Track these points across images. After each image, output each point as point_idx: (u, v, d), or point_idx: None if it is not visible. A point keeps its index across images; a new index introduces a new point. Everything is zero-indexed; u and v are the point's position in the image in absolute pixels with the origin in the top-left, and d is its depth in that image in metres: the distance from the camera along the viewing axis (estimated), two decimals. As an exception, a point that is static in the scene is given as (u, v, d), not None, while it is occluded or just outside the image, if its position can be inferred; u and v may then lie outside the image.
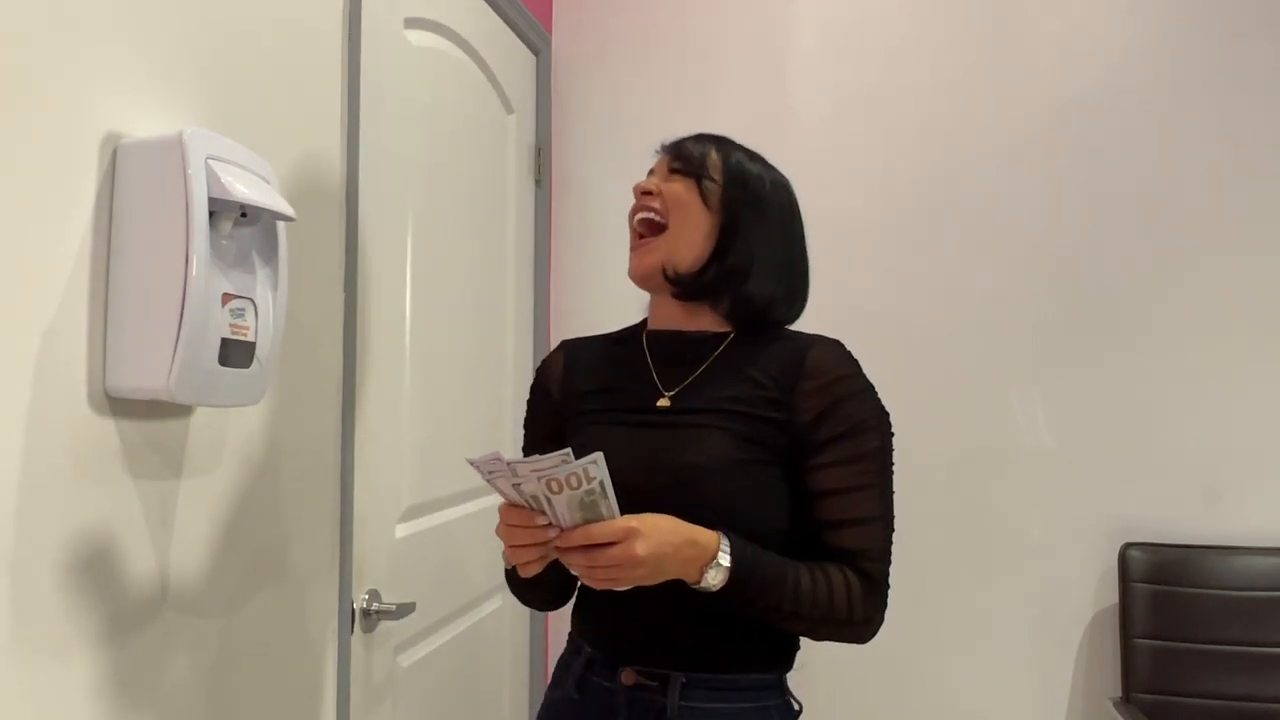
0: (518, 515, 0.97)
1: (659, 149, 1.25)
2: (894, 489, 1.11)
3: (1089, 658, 2.12)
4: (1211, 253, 2.09)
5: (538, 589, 1.18)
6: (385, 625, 1.53)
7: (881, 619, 1.10)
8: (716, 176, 1.17)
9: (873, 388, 1.13)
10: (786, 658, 1.14)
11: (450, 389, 1.81)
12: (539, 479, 0.91)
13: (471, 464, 0.92)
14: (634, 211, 1.19)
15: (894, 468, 1.12)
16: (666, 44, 2.38)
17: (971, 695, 2.17)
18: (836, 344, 1.16)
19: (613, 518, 0.95)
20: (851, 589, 1.06)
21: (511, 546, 0.99)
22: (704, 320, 1.19)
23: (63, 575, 0.92)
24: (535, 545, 0.97)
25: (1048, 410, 2.15)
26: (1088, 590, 2.12)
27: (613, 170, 2.37)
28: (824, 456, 1.08)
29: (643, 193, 1.18)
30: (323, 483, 1.38)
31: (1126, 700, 1.98)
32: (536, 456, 0.91)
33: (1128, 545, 2.04)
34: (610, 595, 1.07)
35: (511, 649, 2.13)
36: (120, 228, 0.97)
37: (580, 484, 0.91)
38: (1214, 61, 2.11)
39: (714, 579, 1.00)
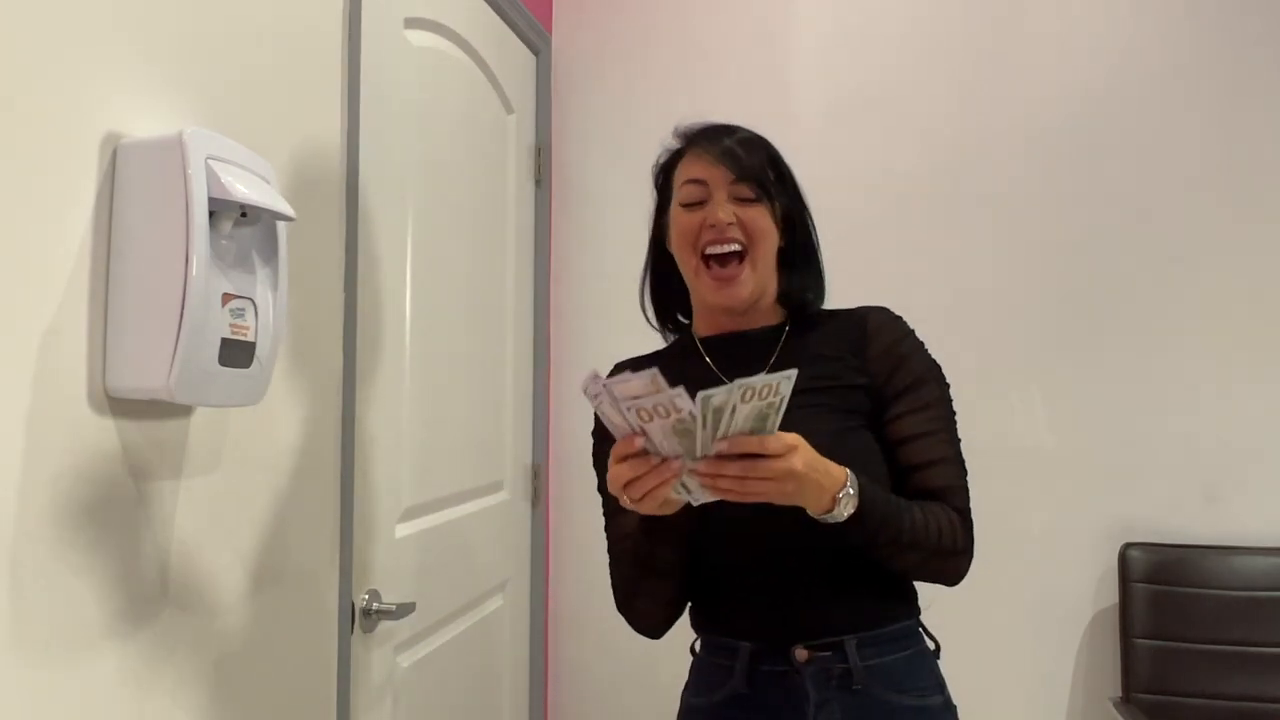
0: (632, 449, 0.94)
1: (683, 135, 1.24)
2: (959, 434, 1.20)
3: (1089, 658, 2.11)
4: (1212, 252, 2.09)
5: (664, 579, 1.14)
6: (385, 625, 1.53)
7: (972, 553, 1.17)
8: (777, 195, 1.21)
9: (924, 345, 1.23)
10: (918, 602, 1.23)
11: (450, 389, 1.81)
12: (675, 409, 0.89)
13: (587, 389, 0.90)
14: (707, 241, 1.17)
15: (955, 415, 1.21)
16: (667, 44, 2.38)
17: (971, 695, 2.17)
18: (886, 309, 1.25)
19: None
20: (953, 521, 1.14)
21: (639, 488, 0.95)
22: (755, 317, 1.23)
23: (63, 575, 0.92)
24: (663, 481, 0.94)
25: (1048, 410, 2.15)
26: (1088, 590, 2.12)
27: (613, 170, 2.37)
28: (898, 407, 1.17)
29: (727, 224, 1.16)
30: (323, 483, 1.38)
31: (1126, 700, 1.98)
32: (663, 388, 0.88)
33: (1128, 545, 2.04)
34: (755, 587, 1.13)
35: (511, 649, 2.13)
36: (120, 228, 0.97)
37: (670, 414, 0.89)
38: (1215, 61, 2.11)
39: (846, 507, 1.03)
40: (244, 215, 1.04)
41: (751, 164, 1.18)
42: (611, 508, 1.20)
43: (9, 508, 0.86)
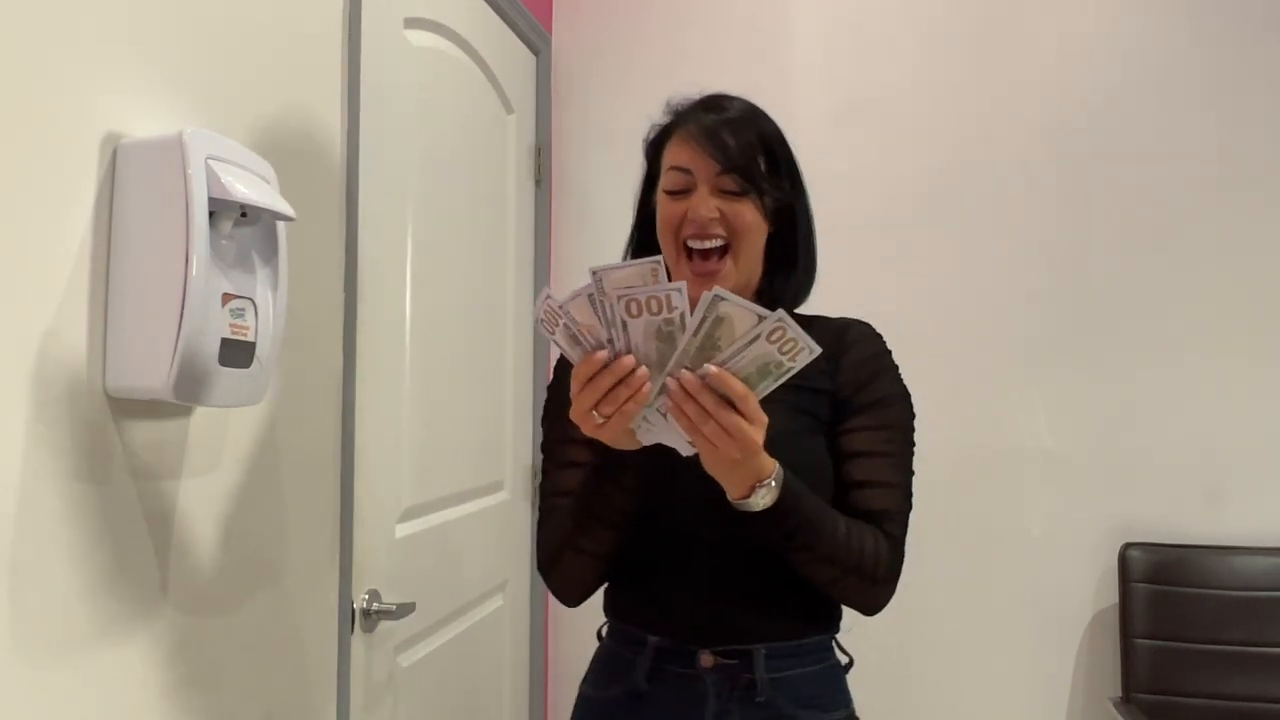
0: (595, 365, 0.90)
1: (674, 110, 1.21)
2: (913, 468, 1.17)
3: (1089, 658, 2.12)
4: (1212, 253, 2.09)
5: (608, 529, 1.08)
6: (385, 625, 1.53)
7: (895, 587, 1.12)
8: (768, 186, 1.15)
9: (899, 370, 1.19)
10: (837, 618, 1.18)
11: (450, 389, 1.81)
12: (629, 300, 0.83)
13: (538, 309, 0.88)
14: (689, 235, 1.12)
15: (914, 446, 1.17)
16: (667, 44, 2.38)
17: (972, 695, 2.17)
18: (869, 324, 1.23)
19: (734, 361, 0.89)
20: (879, 546, 1.08)
21: (610, 402, 0.90)
22: None
23: (63, 575, 0.92)
24: (635, 392, 0.89)
25: (1048, 411, 2.15)
26: (1088, 590, 2.12)
27: (613, 170, 2.37)
28: (856, 421, 1.14)
29: (709, 219, 1.10)
30: (323, 483, 1.38)
31: (1126, 700, 1.98)
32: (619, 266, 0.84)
33: (1128, 545, 2.04)
34: (676, 583, 1.09)
35: (511, 649, 2.13)
36: (120, 228, 0.97)
37: (661, 310, 0.84)
38: (1217, 62, 2.11)
39: (763, 498, 0.98)
40: (244, 215, 1.04)
41: (739, 153, 1.12)
42: (553, 462, 1.16)
43: (9, 508, 0.86)
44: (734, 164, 1.12)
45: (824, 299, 2.39)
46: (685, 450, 0.96)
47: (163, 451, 1.05)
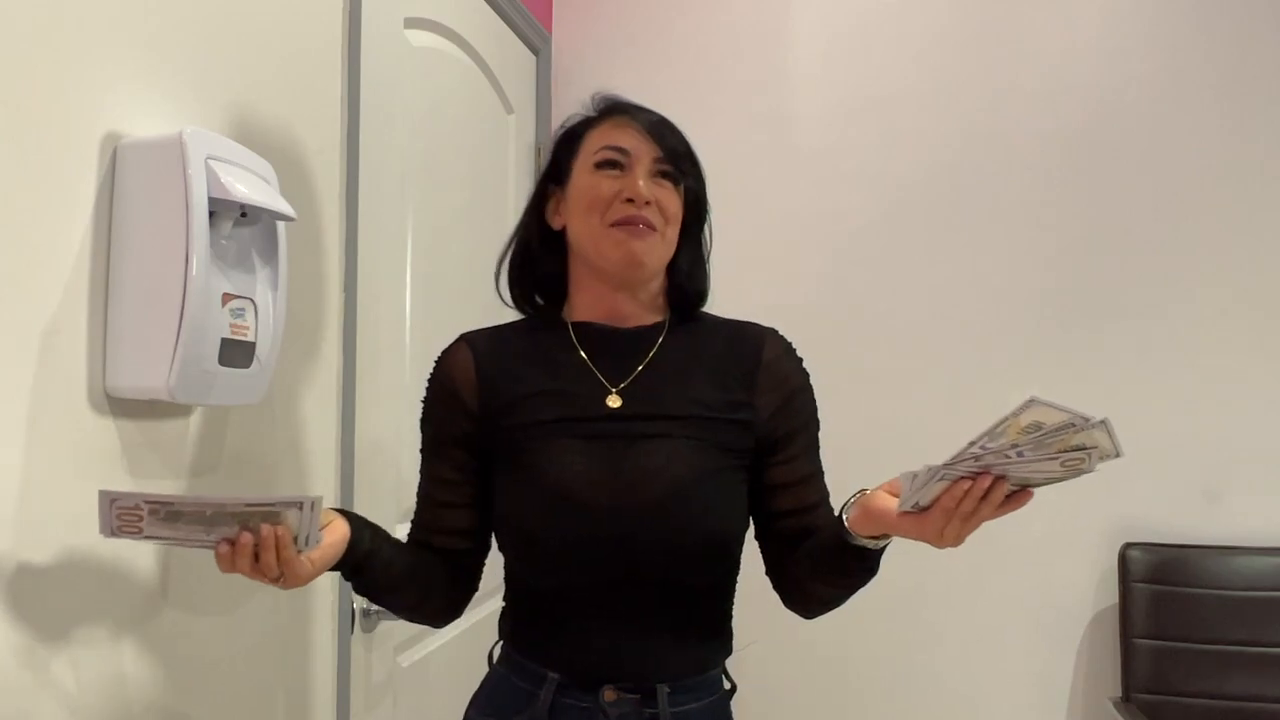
0: (227, 560, 0.90)
1: (602, 102, 1.18)
2: None
3: (1089, 658, 2.11)
4: (1212, 253, 2.09)
5: (394, 594, 1.10)
6: (385, 625, 1.53)
7: None
8: (691, 180, 1.14)
9: (808, 373, 1.16)
10: (730, 647, 1.16)
11: (450, 389, 1.81)
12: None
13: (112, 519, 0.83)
14: (621, 216, 1.07)
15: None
16: (666, 44, 2.38)
17: (972, 695, 2.17)
18: (779, 334, 1.16)
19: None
20: None
21: (268, 579, 0.91)
22: (632, 308, 1.13)
23: (63, 575, 0.92)
24: (279, 555, 0.89)
25: (1048, 410, 2.15)
26: (1088, 590, 2.12)
27: (613, 170, 2.37)
28: (792, 449, 1.11)
29: (645, 201, 1.07)
30: (323, 483, 1.37)
31: (1126, 700, 1.97)
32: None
33: (1128, 545, 2.04)
34: (580, 618, 1.06)
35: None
36: (120, 228, 0.97)
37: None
38: (1216, 62, 2.11)
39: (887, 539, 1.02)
40: (244, 215, 1.04)
41: (676, 145, 1.11)
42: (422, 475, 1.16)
43: (9, 507, 0.86)
44: (673, 155, 1.11)
45: (823, 298, 2.40)
46: None
47: (163, 451, 1.05)
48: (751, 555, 1.18)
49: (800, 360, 1.15)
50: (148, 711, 1.03)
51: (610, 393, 1.08)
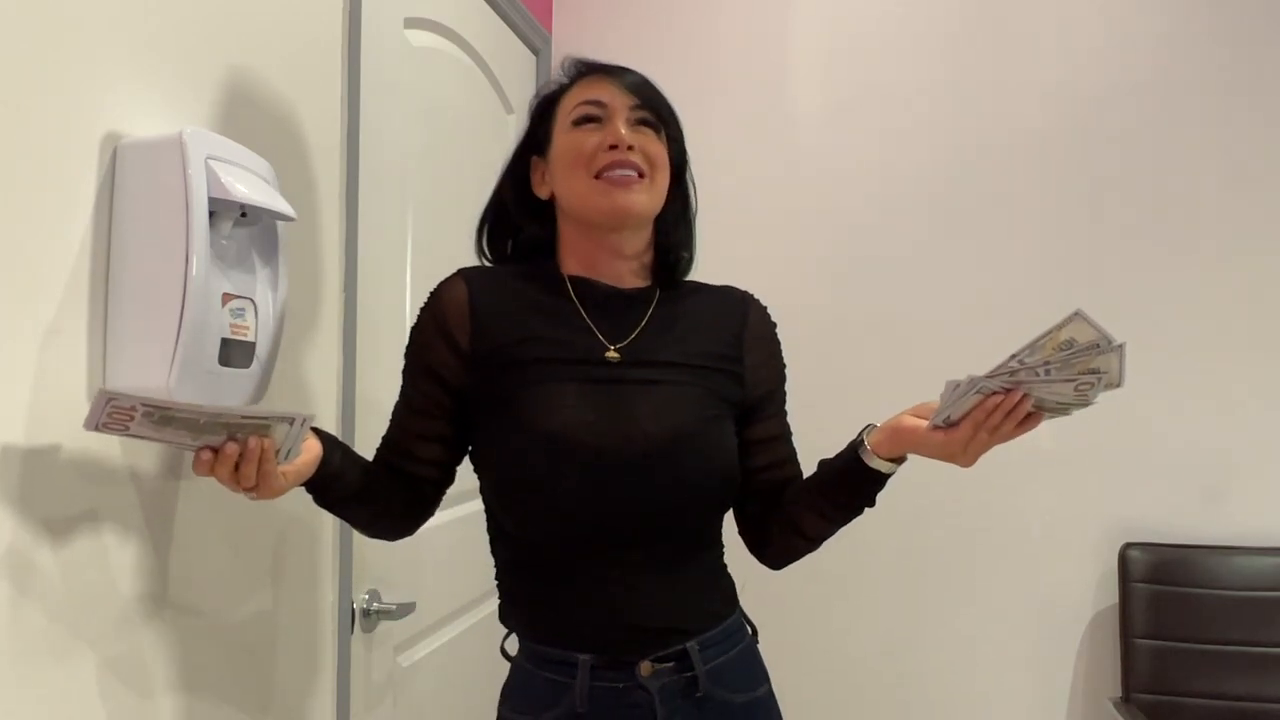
0: (206, 466, 0.89)
1: (576, 64, 1.15)
2: None
3: (1089, 658, 2.12)
4: (1211, 253, 2.09)
5: (350, 510, 1.11)
6: (385, 625, 1.53)
7: None
8: (674, 131, 1.14)
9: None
10: (735, 590, 1.18)
11: (450, 389, 1.81)
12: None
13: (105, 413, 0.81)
14: (607, 163, 1.06)
15: None
16: (666, 44, 2.38)
17: (972, 695, 2.17)
18: (757, 299, 1.21)
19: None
20: None
21: (244, 488, 0.92)
22: (624, 270, 1.14)
23: (63, 575, 0.92)
24: (260, 467, 0.90)
25: (1048, 410, 2.15)
26: (1088, 590, 2.12)
27: (613, 170, 2.37)
28: (771, 406, 1.16)
29: (628, 145, 1.06)
30: (323, 483, 1.37)
31: (1126, 700, 1.97)
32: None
33: (1128, 545, 2.04)
34: (596, 596, 1.05)
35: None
36: (120, 228, 0.97)
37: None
38: (1216, 62, 2.11)
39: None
40: (244, 215, 1.04)
41: (653, 95, 1.11)
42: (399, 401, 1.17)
43: (9, 507, 0.86)
44: (650, 102, 1.11)
45: (823, 296, 2.39)
46: None
47: (163, 452, 1.05)
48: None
49: (774, 328, 1.20)
50: (148, 711, 1.03)
51: (608, 349, 1.09)
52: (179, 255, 0.94)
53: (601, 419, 1.03)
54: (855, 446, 1.05)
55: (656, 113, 1.11)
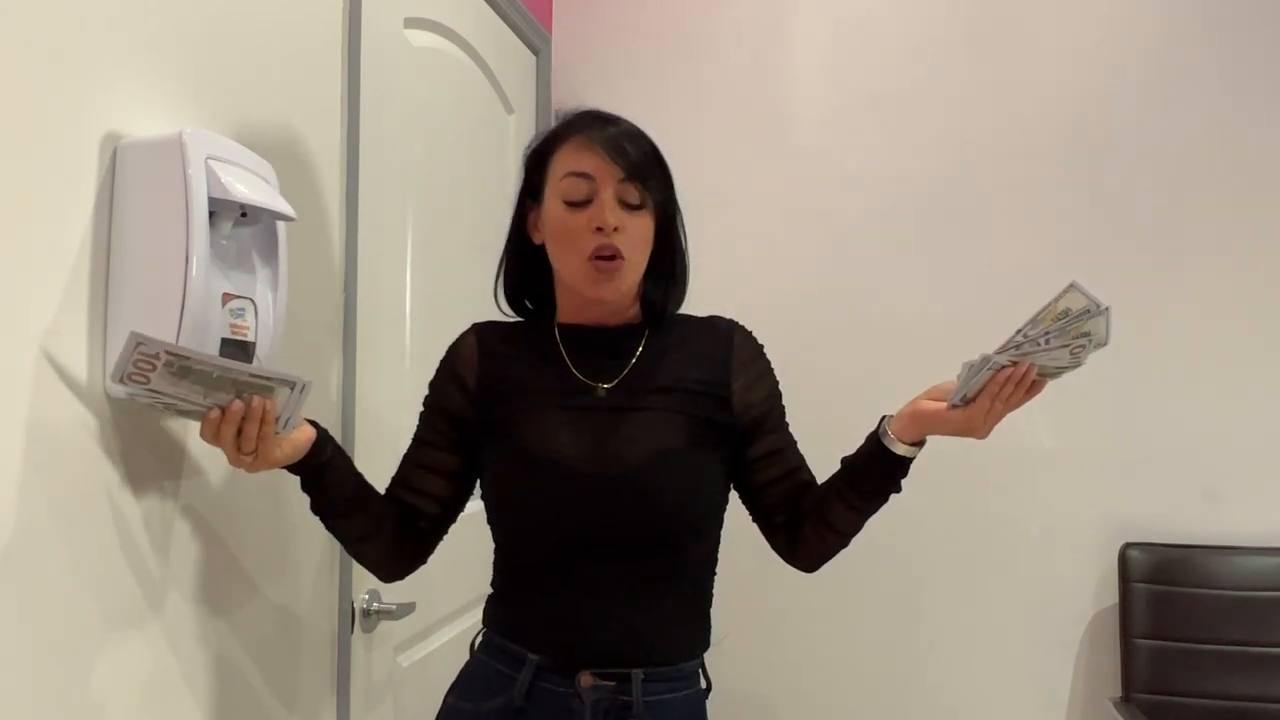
0: (214, 424, 0.94)
1: (565, 120, 1.19)
2: None
3: (1089, 658, 2.11)
4: (1211, 253, 2.09)
5: (346, 519, 1.14)
6: (385, 625, 1.53)
7: None
8: (659, 195, 1.16)
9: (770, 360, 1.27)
10: (708, 641, 1.20)
11: (450, 389, 1.81)
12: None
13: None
14: (597, 247, 1.11)
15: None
16: (666, 44, 2.38)
17: (972, 695, 2.17)
18: (742, 325, 1.25)
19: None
20: None
21: (243, 450, 0.97)
22: (617, 312, 1.19)
23: (63, 575, 0.92)
24: (259, 430, 0.95)
25: (1048, 410, 2.15)
26: (1088, 590, 2.12)
27: (613, 170, 2.37)
28: (771, 421, 1.20)
29: (614, 229, 1.10)
30: (323, 483, 1.37)
31: (1126, 700, 1.98)
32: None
33: (1128, 545, 2.04)
34: (561, 602, 1.11)
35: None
36: (120, 228, 0.97)
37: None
38: (1217, 62, 2.11)
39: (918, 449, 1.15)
40: (244, 215, 1.04)
41: (639, 161, 1.13)
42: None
43: (9, 508, 0.86)
44: (635, 170, 1.12)
45: (823, 297, 2.40)
46: None
47: (163, 451, 1.05)
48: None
49: (762, 349, 1.24)
50: (148, 711, 1.03)
51: (597, 387, 1.15)
52: (179, 255, 0.94)
53: (583, 440, 1.11)
54: (878, 435, 1.12)
55: (643, 181, 1.13)
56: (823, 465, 1.19)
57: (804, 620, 2.22)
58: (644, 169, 1.13)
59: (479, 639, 1.20)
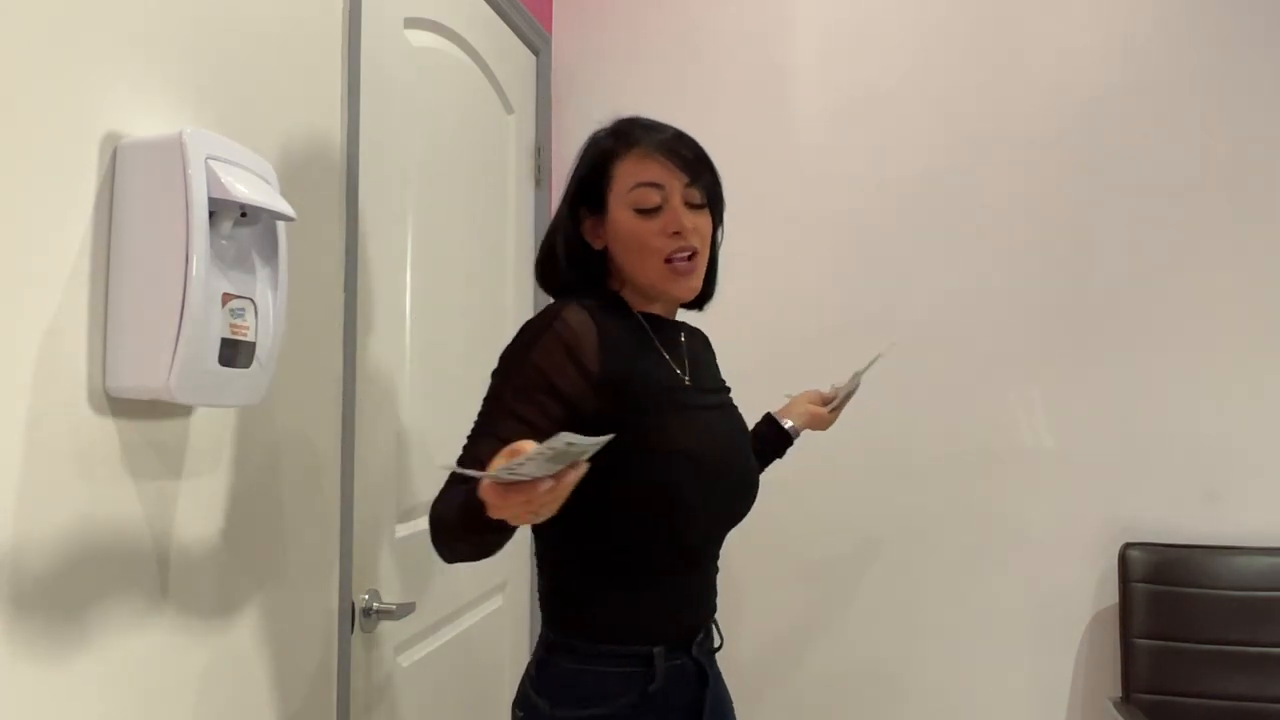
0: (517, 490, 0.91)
1: (631, 126, 1.25)
2: None
3: (1089, 658, 2.12)
4: (1212, 253, 2.09)
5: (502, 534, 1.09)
6: (385, 625, 1.53)
7: None
8: (716, 192, 1.26)
9: None
10: None
11: (450, 389, 1.81)
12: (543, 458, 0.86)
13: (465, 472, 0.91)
14: (676, 249, 1.20)
15: None
16: (666, 44, 2.38)
17: (972, 695, 2.17)
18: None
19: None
20: None
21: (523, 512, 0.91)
22: (667, 305, 1.31)
23: (63, 575, 0.92)
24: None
25: (1048, 410, 2.15)
26: (1088, 590, 2.12)
27: (613, 170, 2.37)
28: None
29: (690, 230, 1.20)
30: (323, 483, 1.38)
31: (1126, 700, 1.98)
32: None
33: (1128, 545, 2.04)
34: (677, 597, 1.22)
35: (511, 649, 2.13)
36: (120, 228, 0.97)
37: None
38: (1216, 63, 2.11)
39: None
40: (244, 215, 1.04)
41: (696, 164, 1.22)
42: (505, 410, 1.15)
43: (9, 507, 0.86)
44: (697, 175, 1.22)
45: (824, 298, 2.40)
46: None
47: (163, 451, 1.05)
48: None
49: None
50: (148, 712, 1.03)
51: (685, 378, 1.26)
52: (179, 255, 0.94)
53: (719, 439, 1.23)
54: (775, 424, 1.49)
55: (703, 183, 1.23)
56: (822, 463, 1.19)
57: (803, 619, 2.22)
58: (702, 171, 1.22)
59: (563, 650, 1.18)
